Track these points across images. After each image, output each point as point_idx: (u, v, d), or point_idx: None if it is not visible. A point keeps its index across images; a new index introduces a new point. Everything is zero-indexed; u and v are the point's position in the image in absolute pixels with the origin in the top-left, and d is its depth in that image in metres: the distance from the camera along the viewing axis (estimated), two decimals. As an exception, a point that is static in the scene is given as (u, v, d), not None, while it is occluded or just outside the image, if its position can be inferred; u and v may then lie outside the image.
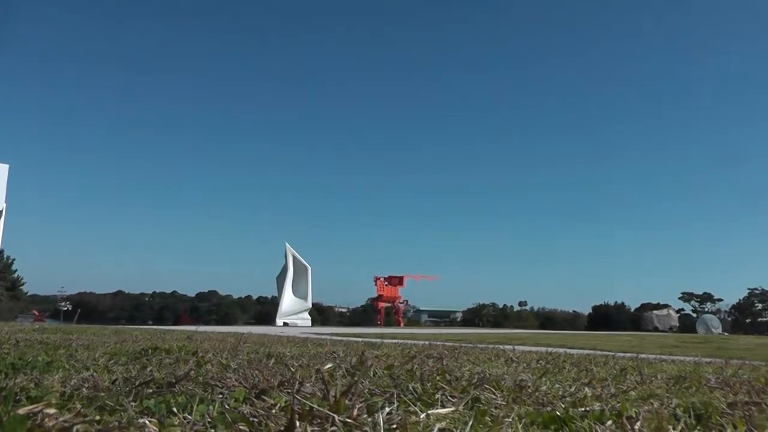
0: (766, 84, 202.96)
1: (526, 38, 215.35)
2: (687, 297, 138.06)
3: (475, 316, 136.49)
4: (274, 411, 3.32)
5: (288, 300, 78.14)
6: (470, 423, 3.08)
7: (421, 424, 3.10)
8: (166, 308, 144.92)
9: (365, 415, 3.16)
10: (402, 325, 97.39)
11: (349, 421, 2.96)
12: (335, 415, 2.98)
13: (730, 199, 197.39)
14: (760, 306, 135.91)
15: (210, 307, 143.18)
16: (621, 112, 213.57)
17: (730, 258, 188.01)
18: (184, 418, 3.21)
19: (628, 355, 13.18)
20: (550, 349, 13.12)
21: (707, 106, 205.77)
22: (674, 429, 3.40)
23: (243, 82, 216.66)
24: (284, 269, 79.36)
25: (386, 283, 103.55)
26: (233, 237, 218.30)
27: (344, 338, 19.59)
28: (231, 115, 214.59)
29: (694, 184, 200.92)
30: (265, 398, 3.74)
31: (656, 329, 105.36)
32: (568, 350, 14.40)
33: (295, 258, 79.58)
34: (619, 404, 3.93)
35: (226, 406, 3.51)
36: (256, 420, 3.12)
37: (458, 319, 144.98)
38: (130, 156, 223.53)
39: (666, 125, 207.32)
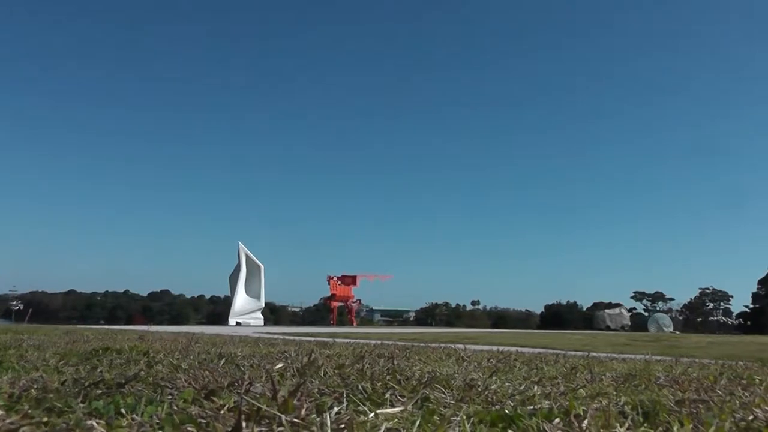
0: (706, 84, 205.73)
1: (480, 38, 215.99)
2: (639, 296, 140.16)
3: (428, 316, 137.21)
4: (222, 412, 3.30)
5: (241, 299, 77.91)
6: (417, 422, 3.08)
7: (369, 424, 3.10)
8: (119, 308, 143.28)
9: (314, 415, 3.15)
10: (355, 324, 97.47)
11: (296, 421, 2.95)
12: (283, 416, 2.97)
13: (682, 201, 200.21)
14: (711, 305, 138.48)
15: (162, 307, 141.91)
16: (572, 112, 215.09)
17: (682, 258, 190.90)
18: (132, 419, 3.18)
19: (580, 353, 13.32)
20: (501, 348, 13.18)
21: (659, 102, 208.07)
22: (621, 426, 3.43)
23: (189, 81, 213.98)
24: (237, 268, 79.10)
25: (339, 282, 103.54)
26: (186, 236, 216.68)
27: (296, 338, 19.56)
28: (179, 115, 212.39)
29: (648, 184, 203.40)
30: (214, 399, 3.72)
31: (608, 328, 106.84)
32: (520, 349, 14.48)
33: (248, 257, 79.33)
34: (567, 402, 3.96)
35: (175, 408, 3.48)
36: (204, 421, 3.09)
37: (411, 319, 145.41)
38: (83, 156, 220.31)
39: (617, 125, 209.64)
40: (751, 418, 3.76)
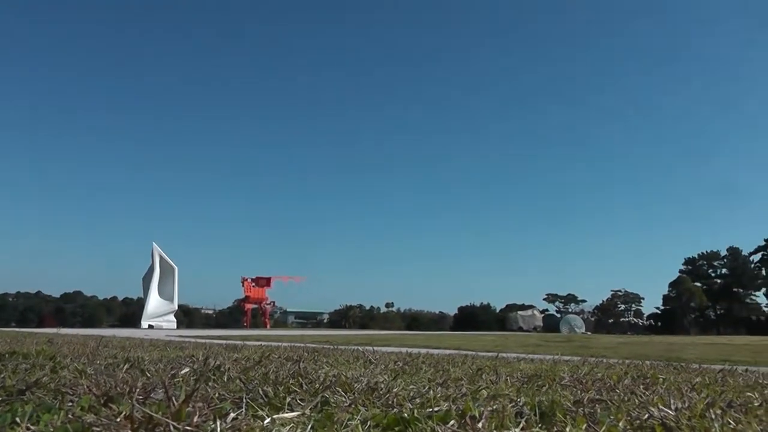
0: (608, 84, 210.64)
1: (398, 38, 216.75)
2: (551, 298, 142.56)
3: (342, 318, 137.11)
4: (119, 419, 3.25)
5: (154, 301, 76.86)
6: (309, 425, 3.10)
7: (264, 430, 3.10)
8: (30, 309, 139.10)
9: (210, 422, 3.13)
10: (268, 326, 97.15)
11: (188, 429, 2.94)
12: (174, 423, 2.94)
13: (595, 203, 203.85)
14: (622, 306, 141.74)
15: (75, 309, 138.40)
16: (487, 113, 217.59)
17: (594, 261, 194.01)
18: (27, 428, 3.11)
19: (490, 354, 13.50)
20: (411, 350, 13.28)
21: (570, 105, 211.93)
22: (516, 427, 3.51)
23: (91, 74, 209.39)
24: (151, 269, 77.97)
25: (254, 284, 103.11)
26: (99, 235, 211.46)
27: (207, 341, 19.39)
28: (87, 110, 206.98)
29: (560, 186, 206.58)
30: (112, 406, 3.66)
31: (521, 329, 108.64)
32: (432, 350, 14.64)
33: (162, 258, 78.27)
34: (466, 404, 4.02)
35: (71, 416, 3.42)
36: (98, 429, 3.05)
37: (325, 321, 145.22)
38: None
39: (529, 128, 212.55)
40: (646, 416, 3.88)
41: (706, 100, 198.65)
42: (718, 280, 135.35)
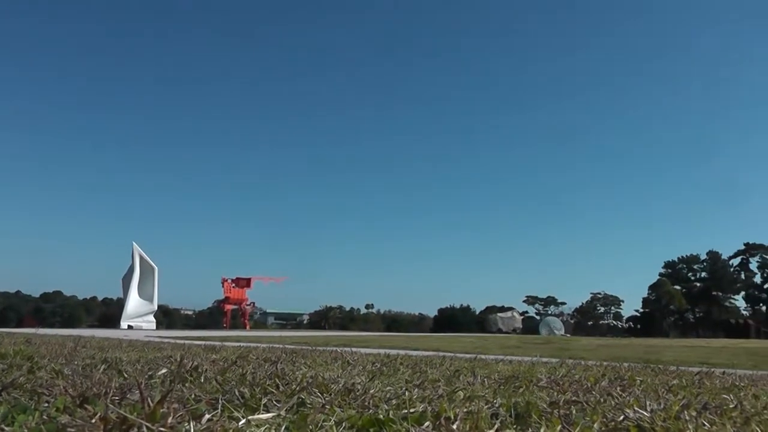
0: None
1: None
2: (531, 300, 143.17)
3: (322, 319, 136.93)
4: (93, 420, 3.24)
5: (133, 302, 76.46)
6: (284, 426, 3.10)
7: (240, 430, 3.10)
8: (10, 309, 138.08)
9: (185, 423, 3.13)
10: (248, 327, 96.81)
11: (162, 430, 2.94)
12: (147, 425, 2.94)
13: (577, 206, 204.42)
14: (602, 309, 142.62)
15: (55, 309, 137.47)
16: (460, 115, 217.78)
17: (575, 264, 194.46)
18: (2, 429, 3.11)
19: (470, 356, 13.53)
20: (390, 352, 13.30)
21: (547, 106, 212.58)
22: (491, 428, 3.53)
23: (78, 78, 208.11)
24: (131, 269, 77.53)
25: (234, 285, 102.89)
26: (79, 235, 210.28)
27: (187, 342, 19.34)
28: (64, 110, 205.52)
29: (542, 189, 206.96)
30: (87, 407, 3.66)
31: (500, 331, 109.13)
32: (411, 352, 14.66)
33: (142, 258, 77.86)
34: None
35: (45, 417, 3.41)
36: (72, 430, 3.05)
37: (305, 322, 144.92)
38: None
39: (507, 130, 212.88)
40: (621, 418, 3.91)
41: (690, 103, 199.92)
42: (698, 284, 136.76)
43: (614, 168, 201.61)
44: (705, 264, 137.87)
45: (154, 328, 72.77)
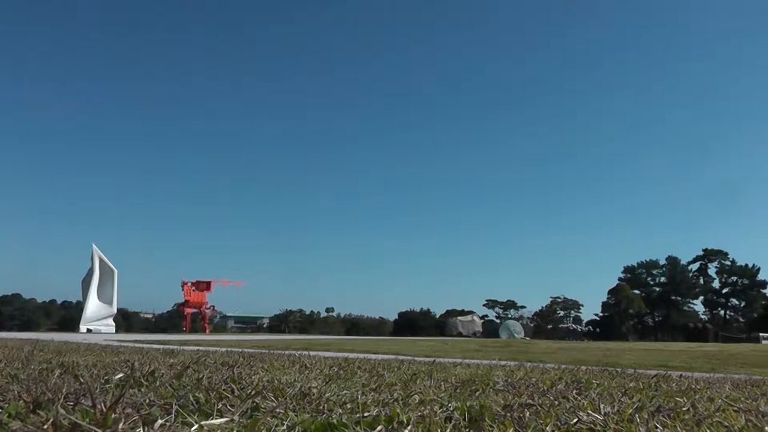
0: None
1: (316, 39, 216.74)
2: (491, 304, 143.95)
3: (282, 323, 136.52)
4: (46, 426, 3.23)
5: (93, 305, 75.60)
6: (236, 431, 3.11)
7: (191, 436, 3.11)
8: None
9: (138, 428, 3.13)
10: (208, 331, 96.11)
11: (112, 435, 2.93)
12: (98, 430, 2.94)
13: (535, 209, 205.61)
14: (561, 313, 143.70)
15: (13, 312, 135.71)
16: (422, 119, 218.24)
17: (534, 267, 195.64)
18: (-50, 437, 3.09)
19: (429, 359, 13.56)
20: (349, 355, 13.30)
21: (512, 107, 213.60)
22: None
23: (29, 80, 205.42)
24: (90, 272, 76.66)
25: (194, 288, 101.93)
26: (37, 236, 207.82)
27: (145, 346, 19.19)
28: (21, 112, 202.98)
29: (501, 192, 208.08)
30: (40, 412, 3.63)
31: (460, 334, 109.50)
32: (370, 355, 14.64)
33: (101, 260, 77.00)
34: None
35: (-4, 422, 3.38)
36: (23, 436, 3.03)
37: (265, 326, 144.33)
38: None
39: (464, 130, 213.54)
40: (574, 421, 3.94)
41: (653, 107, 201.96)
42: (657, 288, 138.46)
43: (574, 172, 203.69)
44: (664, 269, 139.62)
45: (114, 331, 71.99)
